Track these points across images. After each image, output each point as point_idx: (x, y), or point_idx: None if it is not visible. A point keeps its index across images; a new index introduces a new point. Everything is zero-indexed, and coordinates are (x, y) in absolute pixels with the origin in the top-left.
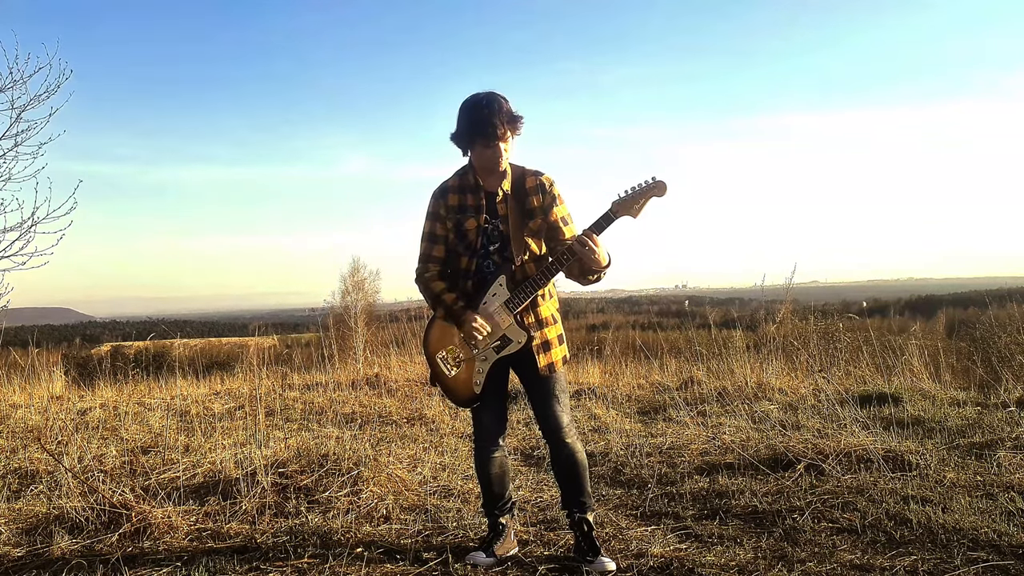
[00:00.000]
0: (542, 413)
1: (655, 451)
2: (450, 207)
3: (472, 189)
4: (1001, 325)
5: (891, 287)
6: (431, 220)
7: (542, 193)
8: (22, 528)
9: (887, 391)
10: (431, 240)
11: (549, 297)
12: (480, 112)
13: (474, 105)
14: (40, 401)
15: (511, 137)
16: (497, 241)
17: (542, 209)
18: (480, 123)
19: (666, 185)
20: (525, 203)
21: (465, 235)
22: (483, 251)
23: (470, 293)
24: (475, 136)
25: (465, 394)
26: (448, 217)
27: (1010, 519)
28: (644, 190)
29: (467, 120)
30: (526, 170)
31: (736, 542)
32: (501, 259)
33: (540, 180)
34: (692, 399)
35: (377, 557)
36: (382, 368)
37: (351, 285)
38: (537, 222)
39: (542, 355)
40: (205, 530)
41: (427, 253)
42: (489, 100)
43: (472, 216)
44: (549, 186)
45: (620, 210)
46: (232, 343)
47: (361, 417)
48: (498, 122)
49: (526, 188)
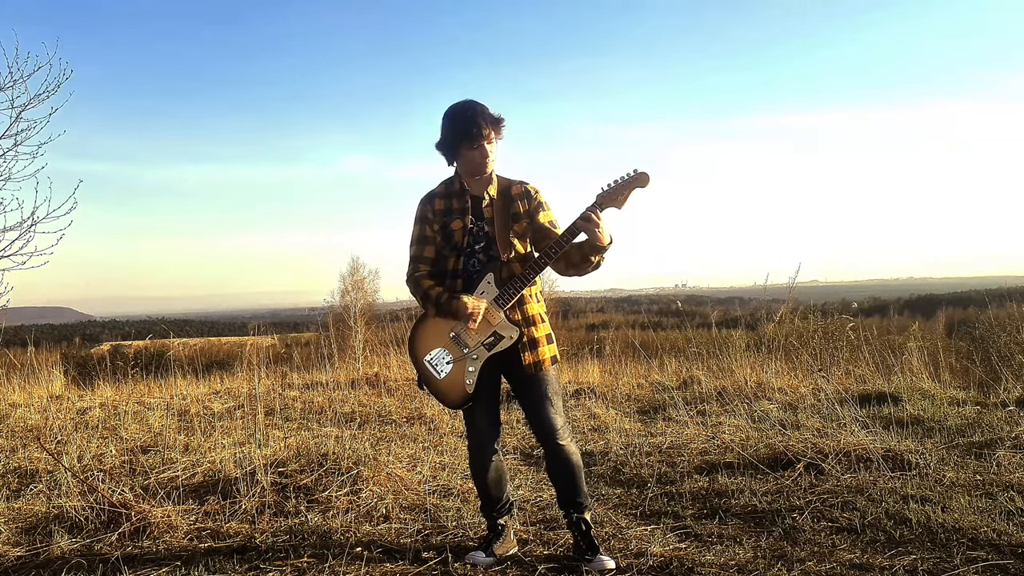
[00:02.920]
0: (535, 417)
1: (655, 450)
2: (437, 211)
3: (458, 194)
4: (1001, 325)
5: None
6: (419, 224)
7: (528, 199)
8: (22, 527)
9: (887, 391)
10: (420, 242)
11: (537, 300)
12: (463, 115)
13: (456, 111)
14: (40, 400)
15: (495, 138)
16: (482, 240)
17: (528, 214)
18: (464, 125)
19: (648, 176)
20: (511, 207)
21: (451, 236)
22: (468, 250)
23: (459, 291)
24: (460, 139)
25: (457, 395)
26: (435, 220)
27: (1009, 518)
28: (627, 182)
29: (451, 126)
30: (511, 180)
31: (736, 541)
32: (487, 258)
33: (526, 188)
34: (692, 399)
35: (377, 556)
36: (382, 367)
37: (350, 284)
38: (523, 225)
39: (527, 353)
40: (204, 529)
41: (417, 255)
42: (470, 104)
43: (458, 217)
44: (535, 193)
45: (605, 202)
46: (232, 342)
47: (361, 416)
48: (482, 122)
49: (512, 194)
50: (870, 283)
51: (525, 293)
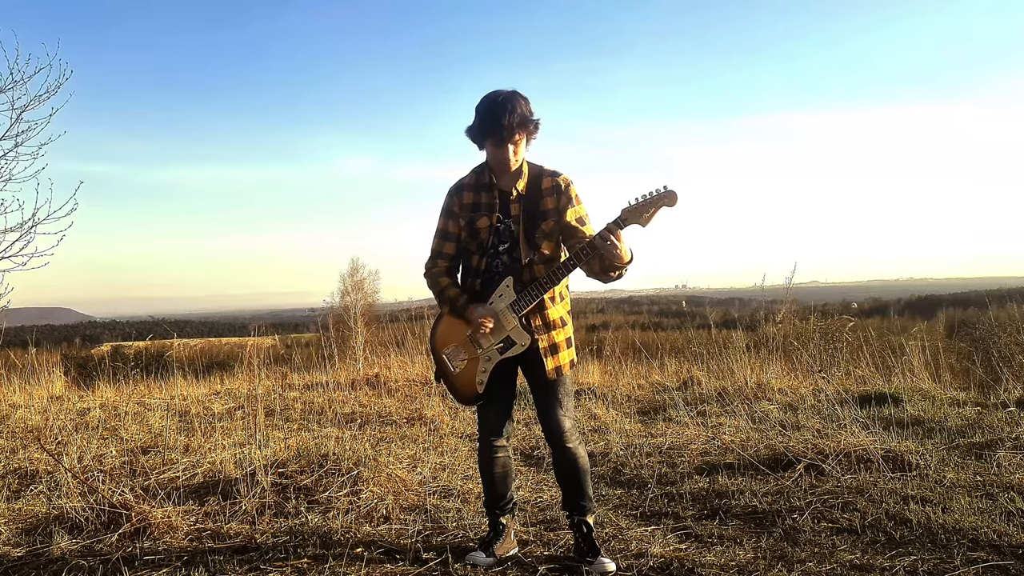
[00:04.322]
0: (546, 417)
1: (655, 451)
2: (464, 205)
3: (487, 188)
4: (1001, 325)
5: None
6: (444, 217)
7: (558, 194)
8: (22, 528)
9: (887, 391)
10: (443, 237)
11: (560, 300)
12: (493, 111)
13: (489, 103)
14: (40, 401)
15: (523, 140)
16: (507, 241)
17: (557, 211)
18: (490, 123)
19: (677, 195)
20: (539, 204)
21: (477, 233)
22: (493, 251)
23: (478, 292)
24: (486, 135)
25: (468, 392)
26: (461, 215)
27: (1010, 519)
28: (655, 199)
29: (479, 117)
30: (544, 170)
31: (736, 542)
32: (510, 260)
33: (557, 181)
34: (692, 399)
35: (377, 557)
36: (382, 368)
37: (350, 285)
38: (550, 224)
39: (550, 358)
40: (205, 530)
41: (438, 249)
42: (504, 100)
43: (485, 214)
44: (566, 187)
45: (629, 218)
46: (232, 343)
47: (361, 417)
48: (507, 123)
49: (542, 189)
50: (870, 283)
51: (545, 296)
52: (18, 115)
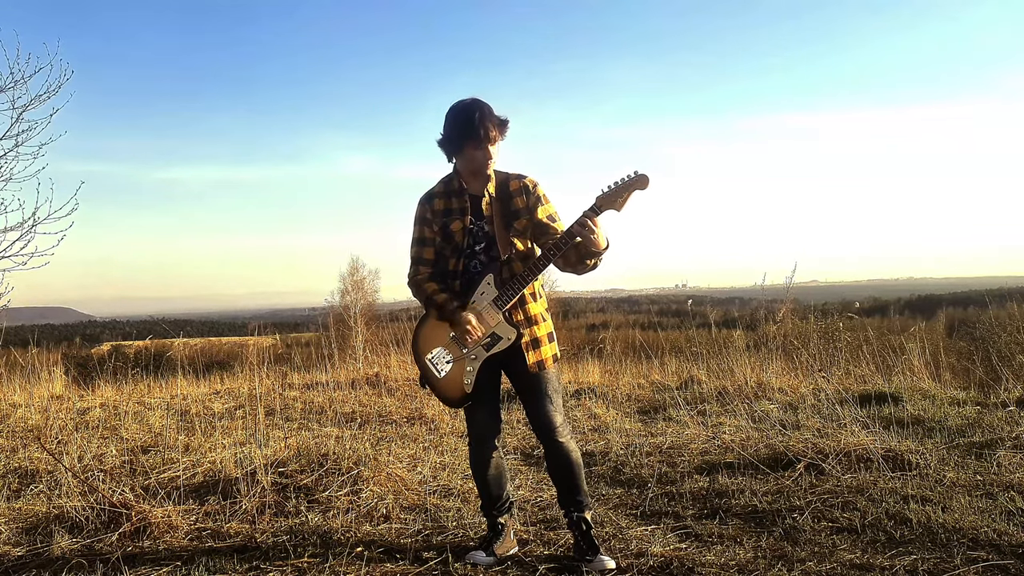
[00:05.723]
0: (534, 414)
1: (655, 451)
2: (436, 211)
3: (457, 193)
4: (1001, 325)
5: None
6: (419, 225)
7: (526, 194)
8: (22, 527)
9: (887, 391)
10: (420, 244)
11: (538, 297)
12: (470, 116)
13: (463, 110)
14: (40, 400)
15: (499, 140)
16: (483, 241)
17: (527, 210)
18: (470, 126)
19: (648, 178)
20: (510, 204)
21: (451, 237)
22: (469, 251)
23: (458, 292)
24: (465, 139)
25: (456, 394)
26: (435, 220)
27: (1010, 519)
28: (627, 184)
29: (456, 125)
30: (509, 174)
31: (736, 541)
32: (487, 258)
33: (524, 182)
34: (692, 399)
35: (377, 556)
36: (382, 367)
37: (350, 285)
38: (523, 222)
39: (531, 352)
40: (205, 529)
41: (417, 256)
42: (478, 105)
43: (457, 218)
44: (533, 187)
45: (604, 204)
46: (232, 342)
47: (361, 416)
48: (489, 124)
49: (510, 191)
50: (870, 283)
51: (526, 292)
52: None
